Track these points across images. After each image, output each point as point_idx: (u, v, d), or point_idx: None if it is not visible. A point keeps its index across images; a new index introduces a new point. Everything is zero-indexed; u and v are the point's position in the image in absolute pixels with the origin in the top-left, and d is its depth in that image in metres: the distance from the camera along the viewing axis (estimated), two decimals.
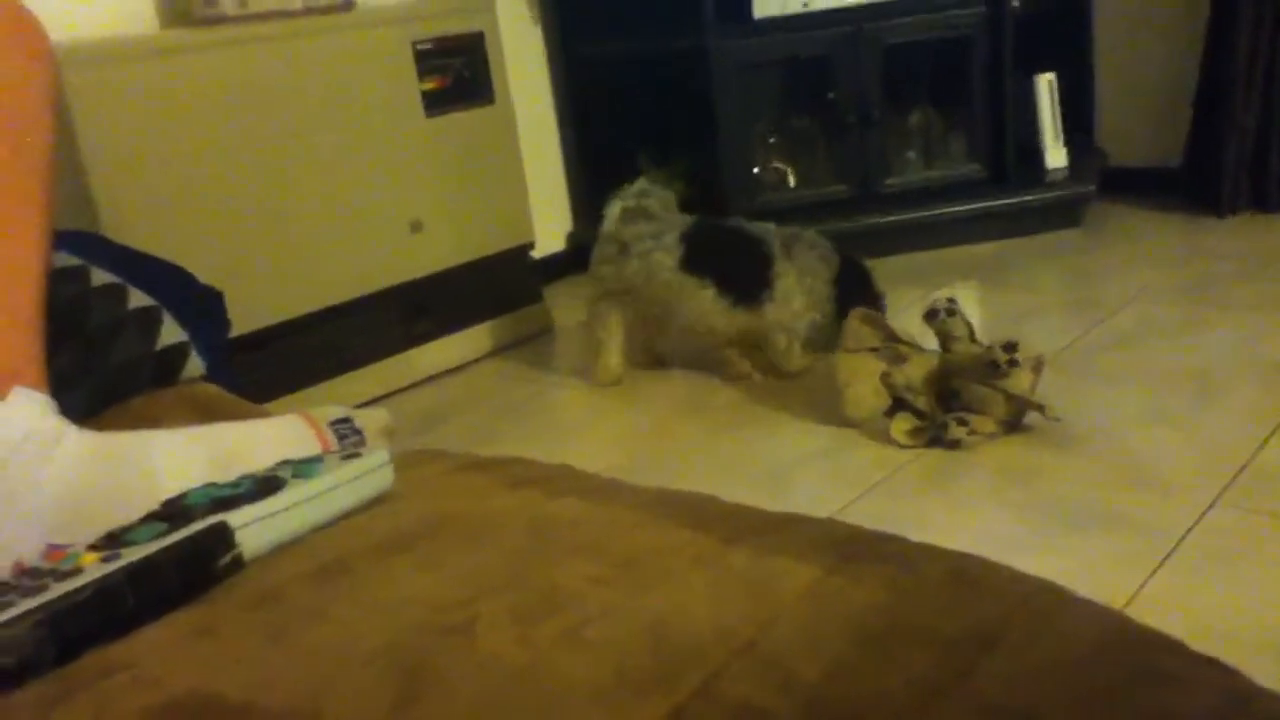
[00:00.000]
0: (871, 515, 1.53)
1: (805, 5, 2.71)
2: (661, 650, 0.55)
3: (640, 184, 2.12)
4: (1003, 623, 0.56)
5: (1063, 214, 2.81)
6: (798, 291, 2.05)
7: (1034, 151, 2.91)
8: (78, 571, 0.64)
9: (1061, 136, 2.93)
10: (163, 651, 0.61)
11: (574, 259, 3.07)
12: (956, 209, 2.77)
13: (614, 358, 2.17)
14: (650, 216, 2.08)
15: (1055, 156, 2.92)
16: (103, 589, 0.64)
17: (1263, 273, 2.30)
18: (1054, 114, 2.92)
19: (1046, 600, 0.60)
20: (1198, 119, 2.79)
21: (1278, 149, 2.69)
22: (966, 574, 0.62)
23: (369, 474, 0.79)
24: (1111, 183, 2.97)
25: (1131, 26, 2.99)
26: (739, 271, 2.04)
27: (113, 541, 0.68)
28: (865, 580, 0.60)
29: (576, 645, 0.56)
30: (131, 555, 0.66)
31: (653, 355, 2.25)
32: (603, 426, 2.02)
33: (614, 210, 2.11)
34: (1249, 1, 2.61)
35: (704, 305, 2.04)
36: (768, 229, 2.09)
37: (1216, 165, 2.72)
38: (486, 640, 0.58)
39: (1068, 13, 3.03)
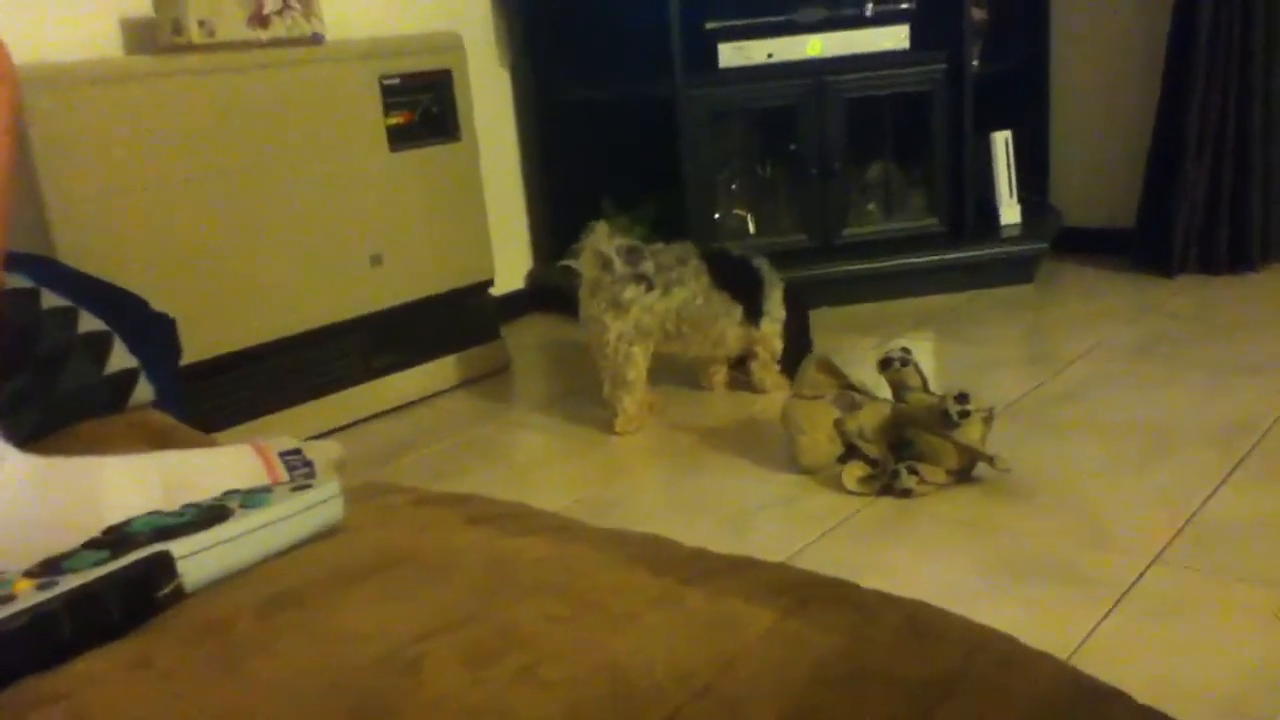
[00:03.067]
0: (823, 561, 1.53)
1: (770, 57, 2.75)
2: (619, 691, 0.54)
3: (604, 226, 2.11)
4: (959, 671, 0.56)
5: (1017, 270, 2.86)
6: (780, 309, 2.25)
7: (991, 208, 2.97)
8: (11, 599, 0.62)
9: (1016, 194, 2.98)
10: (99, 683, 0.59)
11: (534, 297, 3.07)
12: (913, 261, 2.81)
13: (640, 401, 2.11)
14: (642, 250, 2.08)
15: (1009, 213, 2.97)
16: (38, 617, 0.62)
17: (1211, 333, 2.35)
18: (1009, 171, 2.98)
19: (1001, 650, 0.60)
20: (1150, 183, 2.86)
21: (1226, 215, 2.76)
22: (922, 621, 0.62)
23: (319, 506, 0.78)
24: (1064, 241, 3.03)
25: (1087, 90, 3.07)
26: (746, 291, 2.20)
27: (50, 568, 0.66)
28: (822, 625, 0.60)
29: (532, 684, 0.55)
30: (69, 583, 0.64)
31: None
32: (560, 466, 2.01)
33: (608, 253, 2.03)
34: (1201, 71, 2.69)
35: (732, 322, 2.18)
36: (746, 252, 2.28)
37: (1168, 228, 2.79)
38: (439, 677, 0.56)
39: (1026, 73, 3.10)
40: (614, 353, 2.06)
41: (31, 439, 0.96)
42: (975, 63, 2.83)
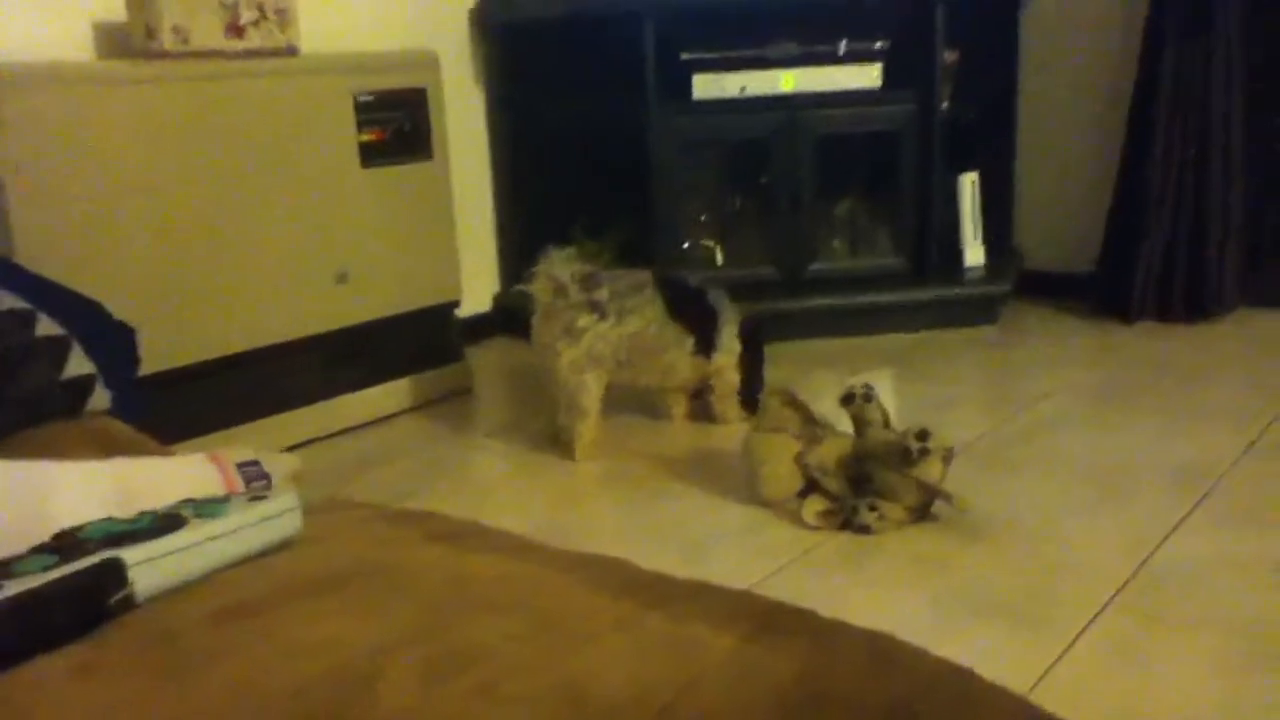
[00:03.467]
0: (780, 594, 1.52)
1: (743, 90, 2.77)
2: (577, 710, 0.54)
3: (559, 252, 2.08)
4: (918, 700, 0.56)
5: (979, 310, 2.89)
6: (735, 342, 2.23)
7: (955, 248, 3.00)
8: None
9: (981, 235, 3.02)
10: (43, 689, 0.57)
11: (500, 320, 3.06)
12: (877, 298, 2.83)
13: (596, 429, 2.10)
14: (598, 276, 2.07)
15: (974, 254, 3.01)
16: None
17: (1168, 378, 2.38)
18: (974, 213, 3.02)
19: (959, 681, 0.60)
20: (1111, 232, 2.91)
21: (1184, 264, 2.81)
22: (882, 651, 0.62)
23: (276, 517, 0.77)
24: (1027, 283, 3.07)
25: (1053, 137, 3.13)
26: (699, 322, 2.18)
27: None
28: (783, 651, 0.60)
29: (489, 701, 0.55)
30: (16, 587, 0.62)
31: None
32: (518, 489, 1.99)
33: (562, 279, 2.02)
34: (1163, 123, 2.75)
35: (683, 353, 2.16)
36: (703, 283, 2.26)
37: (1127, 277, 2.83)
38: (395, 692, 0.55)
39: (994, 118, 3.15)
40: (566, 380, 2.05)
41: None
42: (944, 104, 2.87)
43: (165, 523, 0.71)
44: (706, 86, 2.76)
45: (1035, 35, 3.09)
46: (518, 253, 3.05)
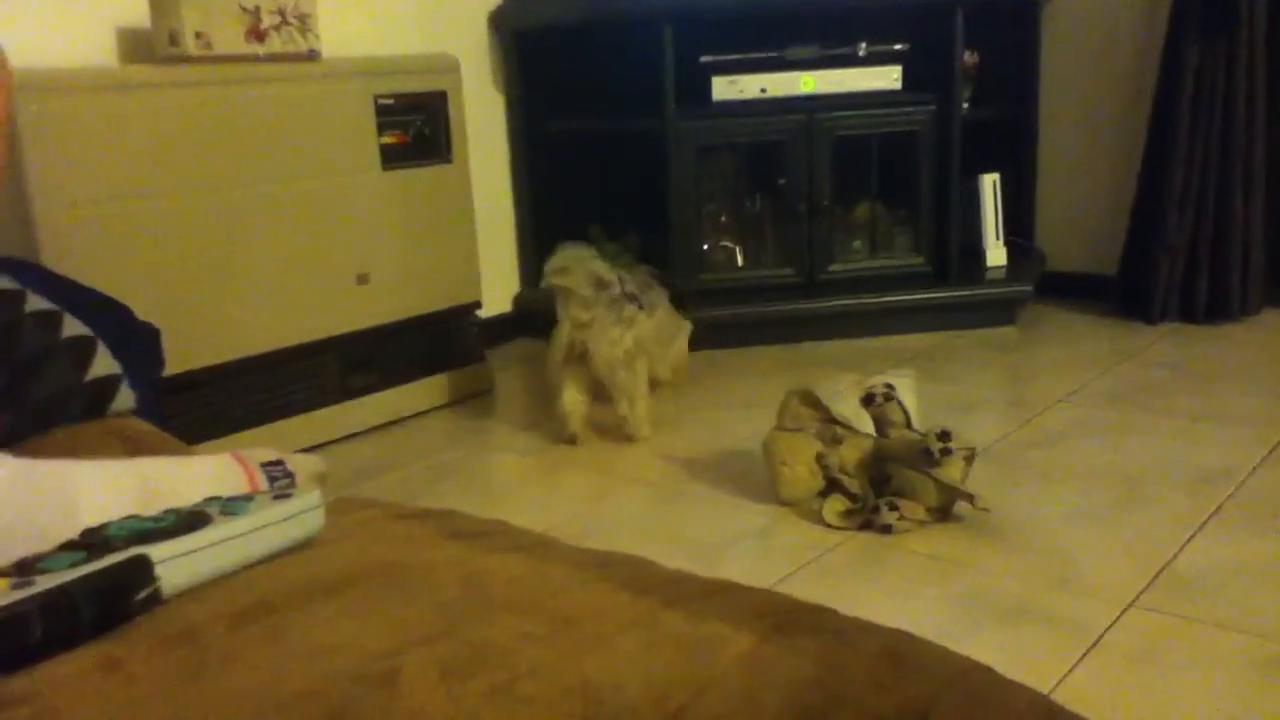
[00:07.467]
0: (800, 595, 1.52)
1: (763, 92, 2.77)
2: (592, 711, 0.54)
3: (583, 248, 2.12)
4: (934, 701, 0.56)
5: (1000, 311, 2.88)
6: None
7: (975, 249, 2.99)
8: None
9: (1002, 236, 3.01)
10: (68, 686, 0.58)
11: (519, 322, 3.07)
12: (897, 299, 2.83)
13: (646, 409, 2.18)
14: (620, 273, 2.14)
15: (995, 255, 3.00)
16: (10, 617, 0.61)
17: (1189, 381, 2.37)
18: (996, 213, 3.01)
19: (977, 680, 0.60)
20: (1133, 234, 2.90)
21: (1206, 267, 2.79)
22: (899, 650, 0.62)
23: (299, 516, 0.78)
24: (1048, 284, 3.06)
25: (1074, 138, 3.11)
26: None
27: (25, 568, 0.65)
28: (800, 651, 0.60)
29: (505, 702, 0.55)
30: (44, 584, 0.63)
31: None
32: (536, 491, 2.00)
33: (603, 272, 2.08)
34: (1185, 126, 2.73)
35: (684, 337, 2.29)
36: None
37: (1150, 278, 2.82)
38: (411, 692, 0.56)
39: (1015, 120, 3.14)
40: (620, 367, 2.11)
41: (9, 443, 0.95)
42: (965, 105, 2.86)
43: (190, 521, 0.72)
44: (725, 89, 2.76)
45: (1056, 35, 3.08)
46: (537, 255, 3.05)
